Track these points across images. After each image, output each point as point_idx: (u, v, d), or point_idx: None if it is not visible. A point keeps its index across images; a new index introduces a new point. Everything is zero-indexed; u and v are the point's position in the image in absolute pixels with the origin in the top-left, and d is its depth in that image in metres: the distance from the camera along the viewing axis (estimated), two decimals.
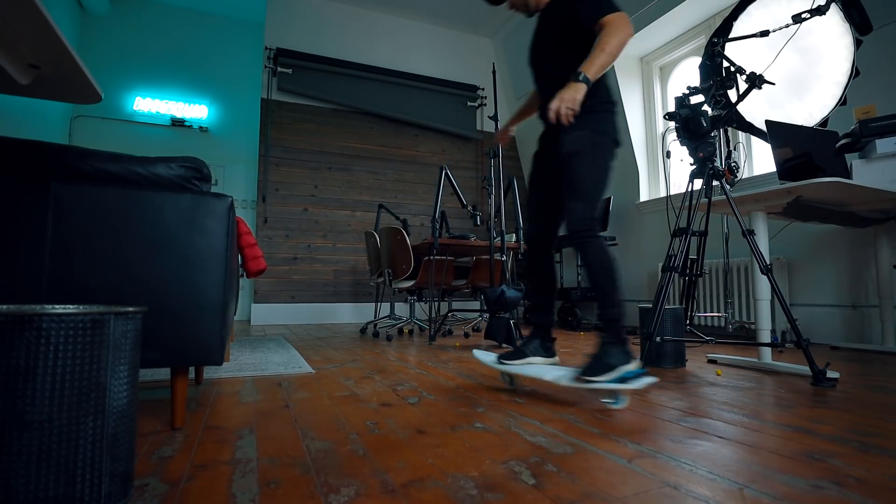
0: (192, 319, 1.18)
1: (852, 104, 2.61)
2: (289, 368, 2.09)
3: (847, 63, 2.48)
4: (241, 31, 6.07)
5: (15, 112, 4.16)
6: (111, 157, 1.17)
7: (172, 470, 0.91)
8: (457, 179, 5.96)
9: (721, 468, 0.92)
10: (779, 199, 2.11)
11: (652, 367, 2.15)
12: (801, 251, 3.24)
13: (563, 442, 1.09)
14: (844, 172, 2.37)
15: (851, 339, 2.95)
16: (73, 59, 1.17)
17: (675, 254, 2.12)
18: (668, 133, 4.34)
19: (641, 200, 4.52)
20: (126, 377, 0.78)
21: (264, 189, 5.04)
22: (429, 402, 1.48)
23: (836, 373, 1.86)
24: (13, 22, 1.02)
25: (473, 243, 3.54)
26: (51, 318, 0.69)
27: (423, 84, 5.81)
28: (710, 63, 2.24)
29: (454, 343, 3.13)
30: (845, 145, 2.37)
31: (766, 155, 3.62)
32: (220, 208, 1.23)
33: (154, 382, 1.80)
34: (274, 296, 4.99)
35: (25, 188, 1.06)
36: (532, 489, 0.82)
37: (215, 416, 1.31)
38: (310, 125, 5.33)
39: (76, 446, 0.69)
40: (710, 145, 2.14)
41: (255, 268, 2.24)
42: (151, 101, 5.52)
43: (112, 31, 5.48)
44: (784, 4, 2.42)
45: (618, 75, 4.57)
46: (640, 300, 4.46)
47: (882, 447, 1.04)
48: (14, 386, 0.67)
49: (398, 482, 0.86)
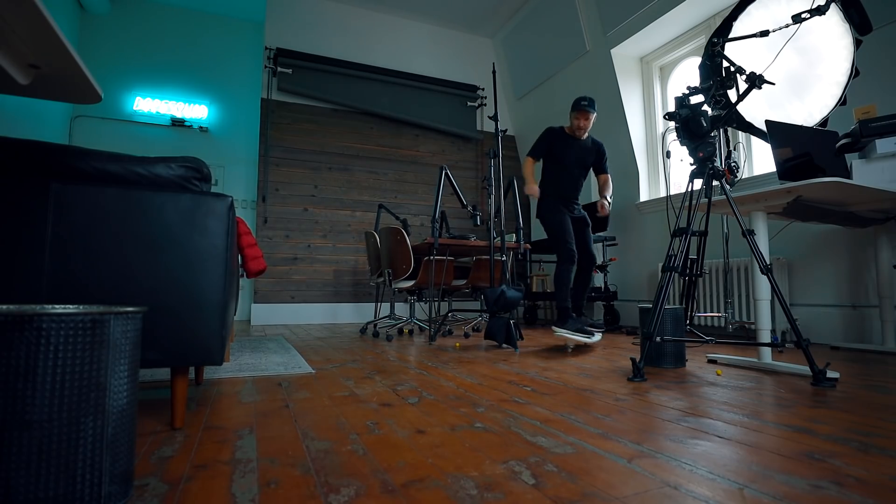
0: (192, 319, 1.18)
1: (852, 104, 2.62)
2: (289, 368, 2.09)
3: (847, 63, 2.48)
4: (241, 31, 6.07)
5: (15, 112, 4.17)
6: (111, 157, 1.17)
7: (172, 470, 0.91)
8: (457, 179, 5.96)
9: (721, 468, 0.92)
10: (779, 199, 2.11)
11: (652, 367, 2.16)
12: (801, 251, 3.24)
13: (563, 442, 1.09)
14: (844, 172, 2.37)
15: (851, 339, 2.95)
16: (73, 59, 1.17)
17: (675, 254, 2.12)
18: (668, 133, 4.34)
19: (641, 200, 4.52)
20: (126, 377, 0.78)
21: (264, 189, 5.04)
22: (429, 402, 1.48)
23: (836, 373, 1.86)
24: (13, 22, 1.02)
25: (473, 243, 3.54)
26: (51, 318, 0.69)
27: (424, 84, 5.81)
28: (710, 63, 2.24)
29: (454, 343, 3.14)
30: (845, 145, 2.37)
31: (766, 155, 3.62)
32: (220, 208, 1.23)
33: (154, 382, 1.80)
34: (274, 296, 4.99)
35: (25, 188, 1.06)
36: (532, 489, 0.82)
37: (215, 416, 1.31)
38: (310, 125, 5.33)
39: (76, 446, 0.69)
40: (710, 145, 2.14)
41: (255, 268, 2.24)
42: (151, 101, 5.52)
43: (112, 31, 5.48)
44: (784, 4, 2.42)
45: (618, 75, 4.57)
46: (641, 300, 4.46)
47: (882, 447, 1.04)
48: (14, 386, 0.67)
49: (398, 482, 0.86)
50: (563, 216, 3.03)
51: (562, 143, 3.13)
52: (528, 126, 6.18)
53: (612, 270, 4.73)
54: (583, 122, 3.06)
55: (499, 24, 6.00)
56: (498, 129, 3.07)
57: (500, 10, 5.69)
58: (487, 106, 6.19)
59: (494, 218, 3.28)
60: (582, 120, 3.06)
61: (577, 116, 3.07)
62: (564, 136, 3.15)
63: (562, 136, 3.15)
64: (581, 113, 3.05)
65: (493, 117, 3.11)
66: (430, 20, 5.95)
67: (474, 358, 2.47)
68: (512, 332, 2.78)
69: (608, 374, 1.98)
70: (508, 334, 2.79)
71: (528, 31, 5.59)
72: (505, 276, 3.28)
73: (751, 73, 2.00)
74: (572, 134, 3.14)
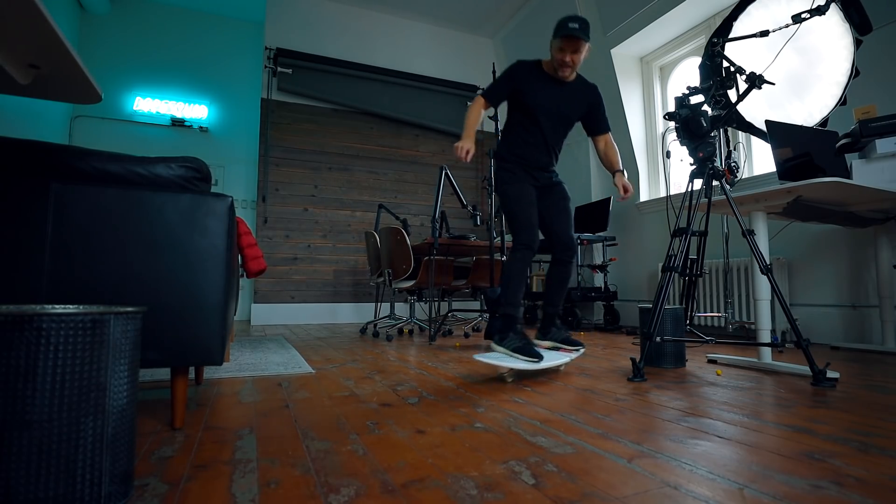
0: (192, 319, 1.18)
1: (852, 104, 2.61)
2: (289, 368, 2.09)
3: (847, 63, 2.48)
4: (241, 31, 6.07)
5: (15, 112, 4.16)
6: (111, 157, 1.17)
7: (172, 470, 0.91)
8: (457, 179, 5.96)
9: (721, 468, 0.92)
10: (779, 199, 2.11)
11: (652, 367, 2.16)
12: (801, 251, 3.24)
13: (563, 442, 1.09)
14: (844, 172, 2.37)
15: (851, 339, 2.95)
16: (73, 59, 1.17)
17: (675, 254, 2.12)
18: (668, 133, 4.34)
19: (641, 200, 4.52)
20: (126, 377, 0.78)
21: (264, 189, 5.04)
22: (429, 402, 1.48)
23: (836, 373, 1.86)
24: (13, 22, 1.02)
25: (473, 243, 3.54)
26: (51, 318, 0.69)
27: (424, 84, 5.81)
28: (710, 63, 2.24)
29: (454, 343, 3.13)
30: (845, 145, 2.37)
31: (766, 155, 3.62)
32: (220, 208, 1.23)
33: (154, 382, 1.79)
34: (274, 296, 4.99)
35: (25, 188, 1.06)
36: (532, 489, 0.82)
37: (215, 416, 1.31)
38: (310, 125, 5.33)
39: (76, 446, 0.69)
40: (709, 145, 2.14)
41: (255, 268, 2.24)
42: (151, 101, 5.52)
43: (112, 31, 5.48)
44: (784, 4, 2.42)
45: (618, 75, 4.57)
46: (640, 300, 4.46)
47: (882, 447, 1.04)
48: (14, 386, 0.67)
49: (398, 482, 0.86)
50: (523, 187, 2.11)
51: (536, 85, 2.09)
52: None
53: (612, 270, 4.73)
54: (570, 55, 1.97)
55: (499, 24, 6.00)
56: (498, 129, 3.06)
57: (500, 10, 5.69)
58: None
59: (494, 218, 3.27)
60: (569, 52, 1.97)
61: (562, 47, 1.97)
62: (541, 73, 2.09)
63: (537, 73, 2.09)
64: (568, 41, 1.94)
65: (494, 117, 3.11)
66: (429, 20, 5.95)
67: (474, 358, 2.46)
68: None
69: (608, 374, 1.98)
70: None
71: (528, 31, 5.59)
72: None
73: (751, 73, 2.00)
74: (552, 73, 2.07)
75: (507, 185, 2.12)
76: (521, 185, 2.11)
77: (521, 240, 2.03)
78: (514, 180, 2.11)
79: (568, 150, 5.35)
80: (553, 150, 2.18)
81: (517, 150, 2.15)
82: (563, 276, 2.16)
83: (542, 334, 2.17)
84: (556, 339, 2.13)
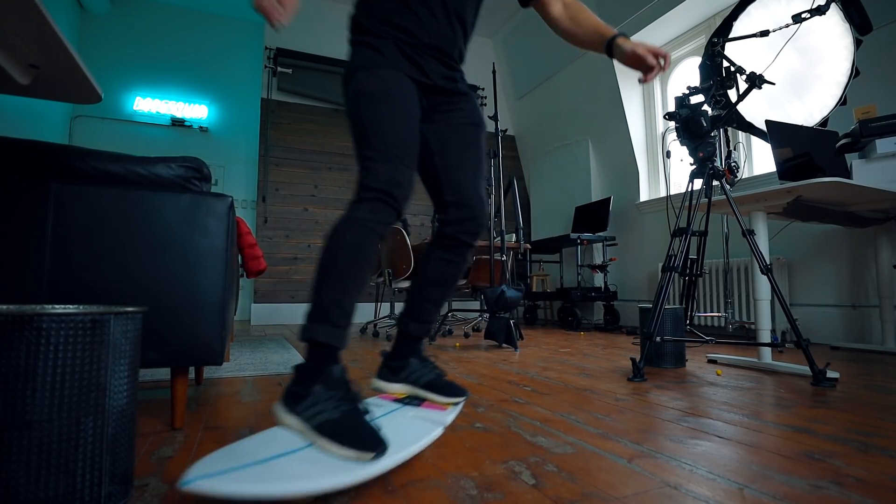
0: (192, 319, 1.18)
1: (852, 104, 2.61)
2: (289, 368, 2.09)
3: (847, 63, 2.48)
4: (241, 31, 6.07)
5: (15, 112, 4.16)
6: (111, 157, 1.17)
7: (172, 470, 0.91)
8: None
9: (721, 468, 0.92)
10: (779, 199, 2.11)
11: (652, 367, 2.15)
12: (801, 251, 3.24)
13: (563, 442, 1.09)
14: (844, 172, 2.37)
15: (851, 339, 2.95)
16: (73, 59, 1.17)
17: (675, 254, 2.12)
18: (668, 133, 4.34)
19: (641, 200, 4.52)
20: (126, 377, 0.78)
21: (264, 189, 5.04)
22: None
23: (836, 373, 1.86)
24: (13, 22, 1.02)
25: None
26: (51, 318, 0.69)
27: None
28: (710, 63, 2.24)
29: (454, 343, 3.13)
30: (845, 145, 2.37)
31: (766, 155, 3.62)
32: (220, 208, 1.23)
33: (154, 382, 1.79)
34: (274, 296, 4.99)
35: (25, 188, 1.06)
36: (532, 489, 0.82)
37: (215, 416, 1.31)
38: (310, 125, 5.33)
39: (76, 446, 0.69)
40: (710, 145, 2.14)
41: (255, 268, 2.25)
42: (151, 101, 5.52)
43: (112, 31, 5.48)
44: (784, 4, 2.42)
45: (618, 75, 4.57)
46: (640, 300, 4.46)
47: (882, 447, 1.04)
48: (14, 386, 0.67)
49: (398, 482, 0.86)
50: (396, 78, 1.05)
51: None
52: (528, 126, 6.17)
53: (612, 270, 4.72)
54: None
55: (499, 24, 6.00)
56: (498, 129, 3.06)
57: (500, 10, 5.69)
58: (487, 106, 6.18)
59: (494, 218, 3.27)
60: None
61: None
62: None
63: None
64: None
65: (493, 117, 3.10)
66: None
67: (474, 358, 2.47)
68: (512, 332, 2.78)
69: (608, 374, 1.98)
70: (508, 334, 2.79)
71: (528, 31, 5.59)
72: (505, 276, 3.28)
73: (751, 73, 2.00)
74: None
75: (365, 72, 1.05)
76: (394, 76, 1.05)
77: (376, 180, 1.02)
78: (382, 64, 1.05)
79: (567, 150, 5.35)
80: (460, 23, 1.13)
81: (394, 15, 1.07)
82: (453, 272, 1.19)
83: (392, 371, 1.16)
84: (416, 383, 1.13)
